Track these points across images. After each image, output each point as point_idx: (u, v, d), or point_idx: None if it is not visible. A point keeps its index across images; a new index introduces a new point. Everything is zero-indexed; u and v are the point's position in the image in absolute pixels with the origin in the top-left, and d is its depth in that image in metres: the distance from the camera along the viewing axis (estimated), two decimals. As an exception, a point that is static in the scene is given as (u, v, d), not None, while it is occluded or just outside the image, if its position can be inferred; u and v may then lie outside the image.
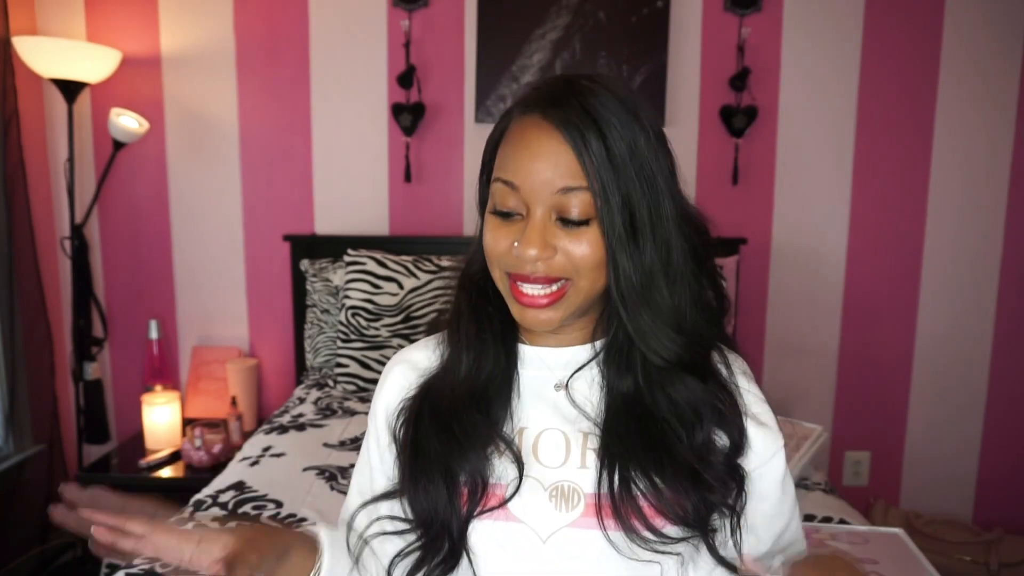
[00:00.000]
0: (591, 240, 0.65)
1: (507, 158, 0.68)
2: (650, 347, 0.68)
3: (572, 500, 0.68)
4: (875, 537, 1.26)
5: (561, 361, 0.75)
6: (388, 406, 0.77)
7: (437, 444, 0.70)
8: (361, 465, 0.81)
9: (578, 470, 0.70)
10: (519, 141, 0.67)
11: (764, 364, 2.43)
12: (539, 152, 0.65)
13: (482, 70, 2.26)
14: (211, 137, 2.34)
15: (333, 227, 2.38)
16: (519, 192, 0.66)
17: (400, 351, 0.83)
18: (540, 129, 0.66)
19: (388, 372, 0.80)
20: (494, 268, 0.71)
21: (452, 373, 0.74)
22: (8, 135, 2.09)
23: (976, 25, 2.27)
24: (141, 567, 1.15)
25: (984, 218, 2.36)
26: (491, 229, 0.69)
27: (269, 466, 1.56)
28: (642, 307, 0.67)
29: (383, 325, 2.04)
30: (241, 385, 2.29)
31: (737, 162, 2.31)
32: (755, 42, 2.28)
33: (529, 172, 0.65)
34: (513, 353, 0.76)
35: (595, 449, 0.70)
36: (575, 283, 0.67)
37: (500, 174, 0.68)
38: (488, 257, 0.71)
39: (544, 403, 0.73)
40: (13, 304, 2.12)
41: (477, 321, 0.75)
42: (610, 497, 0.66)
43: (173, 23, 2.29)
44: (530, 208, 0.66)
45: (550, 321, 0.68)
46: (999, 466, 2.44)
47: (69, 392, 2.37)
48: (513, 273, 0.68)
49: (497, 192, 0.68)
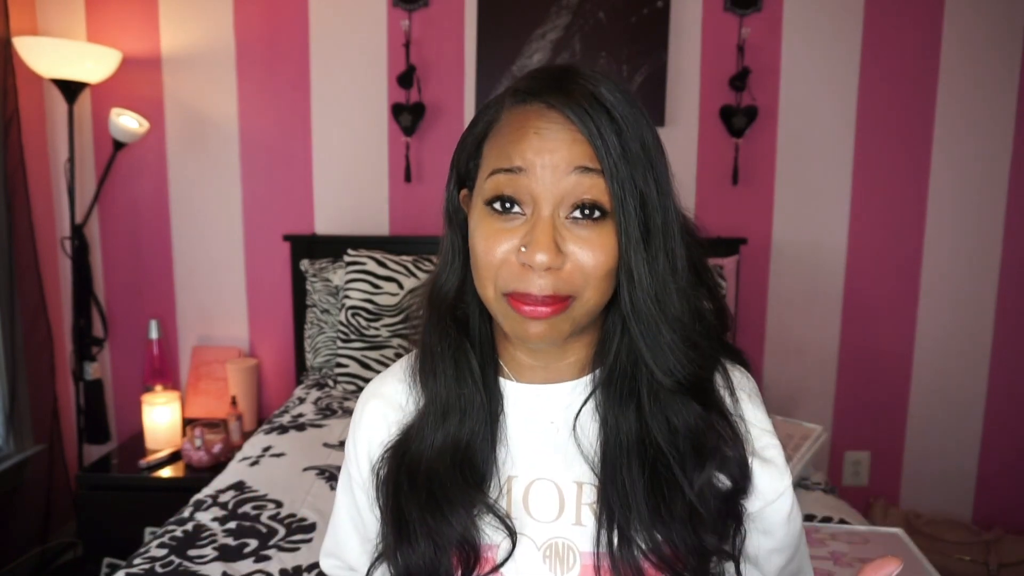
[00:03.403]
0: (604, 244, 0.58)
1: (505, 146, 0.59)
2: (663, 366, 0.61)
3: (568, 561, 0.63)
4: (875, 537, 1.26)
5: (554, 398, 0.67)
6: (370, 449, 0.71)
7: (417, 512, 0.63)
8: (345, 512, 0.76)
9: (572, 527, 0.64)
10: (521, 127, 0.59)
11: (764, 364, 2.43)
12: (548, 135, 0.57)
13: (482, 70, 2.26)
14: (211, 137, 2.34)
15: (333, 227, 2.38)
16: (526, 177, 0.57)
17: (370, 384, 0.75)
18: (544, 117, 0.58)
19: (362, 409, 0.73)
20: (487, 287, 0.60)
21: (429, 426, 0.66)
22: (8, 135, 2.09)
23: (976, 25, 2.27)
24: (141, 567, 1.15)
25: (984, 218, 2.36)
26: (485, 233, 0.59)
27: (269, 466, 1.57)
28: (659, 320, 0.60)
29: (383, 325, 2.04)
30: (241, 385, 2.29)
31: (737, 162, 2.31)
32: (755, 42, 2.28)
33: (538, 152, 0.57)
34: (497, 393, 0.67)
35: (591, 504, 0.64)
36: (580, 296, 0.59)
37: (499, 164, 0.59)
38: (480, 272, 0.60)
39: (534, 448, 0.66)
40: (13, 304, 2.12)
41: (454, 360, 0.66)
42: (609, 557, 0.61)
43: (173, 23, 2.29)
44: (537, 201, 0.57)
45: (553, 332, 0.59)
46: (998, 466, 2.44)
47: (69, 392, 2.37)
48: (514, 293, 0.58)
49: (495, 185, 0.59)
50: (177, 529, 1.28)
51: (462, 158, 0.66)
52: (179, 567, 1.15)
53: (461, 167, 0.67)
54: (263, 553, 1.20)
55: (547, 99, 0.58)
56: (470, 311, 0.68)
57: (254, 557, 1.19)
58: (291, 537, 1.26)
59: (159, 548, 1.21)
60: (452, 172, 0.68)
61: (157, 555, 1.19)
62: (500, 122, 0.62)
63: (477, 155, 0.64)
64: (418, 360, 0.69)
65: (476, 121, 0.65)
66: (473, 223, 0.62)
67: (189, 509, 1.37)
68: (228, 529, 1.28)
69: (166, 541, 1.24)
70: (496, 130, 0.62)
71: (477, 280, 0.62)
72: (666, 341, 0.60)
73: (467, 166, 0.66)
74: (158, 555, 1.19)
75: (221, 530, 1.28)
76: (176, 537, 1.25)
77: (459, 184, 0.68)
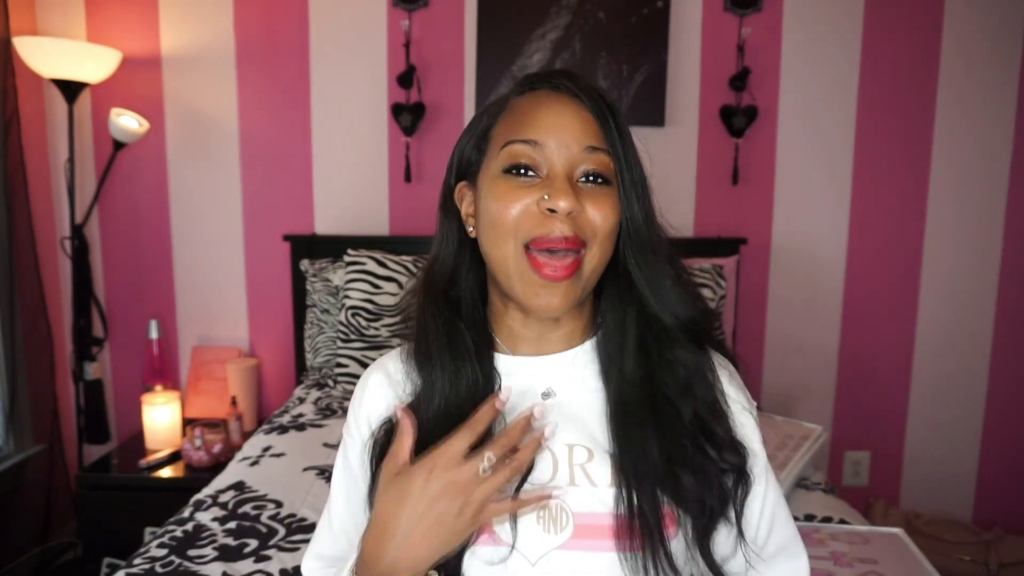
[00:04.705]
0: (611, 204, 0.66)
1: (517, 123, 0.67)
2: (668, 308, 0.69)
3: (560, 521, 0.65)
4: (875, 537, 1.26)
5: (547, 367, 0.72)
6: (370, 416, 0.75)
7: None
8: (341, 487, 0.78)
9: (566, 487, 0.67)
10: (532, 106, 0.67)
11: (764, 364, 2.43)
12: (562, 111, 0.66)
13: (482, 70, 2.26)
14: (211, 137, 2.34)
15: (333, 227, 2.38)
16: (542, 149, 0.65)
17: (375, 362, 0.79)
18: (554, 97, 0.67)
19: (366, 380, 0.77)
20: (506, 242, 0.66)
21: (425, 401, 0.70)
22: (8, 135, 2.09)
23: (976, 25, 2.27)
24: (141, 567, 1.15)
25: (984, 218, 2.36)
26: (501, 192, 0.66)
27: (269, 466, 1.57)
28: (658, 268, 0.68)
29: (383, 325, 2.04)
30: (241, 385, 2.29)
31: (737, 162, 2.31)
32: (755, 42, 2.28)
33: (553, 127, 0.65)
34: (492, 369, 0.72)
35: (582, 465, 0.67)
36: (588, 252, 0.66)
37: (513, 135, 0.66)
38: (498, 230, 0.66)
39: (549, 414, 0.70)
40: (13, 304, 2.12)
41: (449, 339, 0.70)
42: (629, 519, 0.64)
43: (173, 23, 2.29)
44: (552, 166, 0.65)
45: (564, 301, 0.66)
46: (999, 466, 2.44)
47: (69, 392, 2.37)
48: (536, 239, 0.64)
49: (510, 154, 0.66)
50: (177, 529, 1.28)
51: (466, 147, 0.72)
52: (179, 567, 1.15)
53: (463, 157, 0.72)
54: (263, 553, 1.20)
55: (555, 83, 0.67)
56: (462, 293, 0.73)
57: (254, 557, 1.19)
58: (291, 537, 1.26)
59: (159, 548, 1.21)
60: (453, 161, 0.73)
61: (157, 555, 1.19)
62: (508, 110, 0.69)
63: (483, 143, 0.70)
64: (414, 342, 0.73)
65: (480, 116, 0.71)
66: (486, 190, 0.68)
67: (189, 509, 1.37)
68: (228, 529, 1.28)
69: (166, 541, 1.24)
70: (504, 117, 0.69)
71: (493, 241, 0.67)
72: (667, 285, 0.69)
73: (469, 156, 0.72)
74: (158, 555, 1.19)
75: (221, 530, 1.28)
76: (176, 537, 1.25)
77: (458, 175, 0.73)
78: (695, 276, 2.04)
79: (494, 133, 0.69)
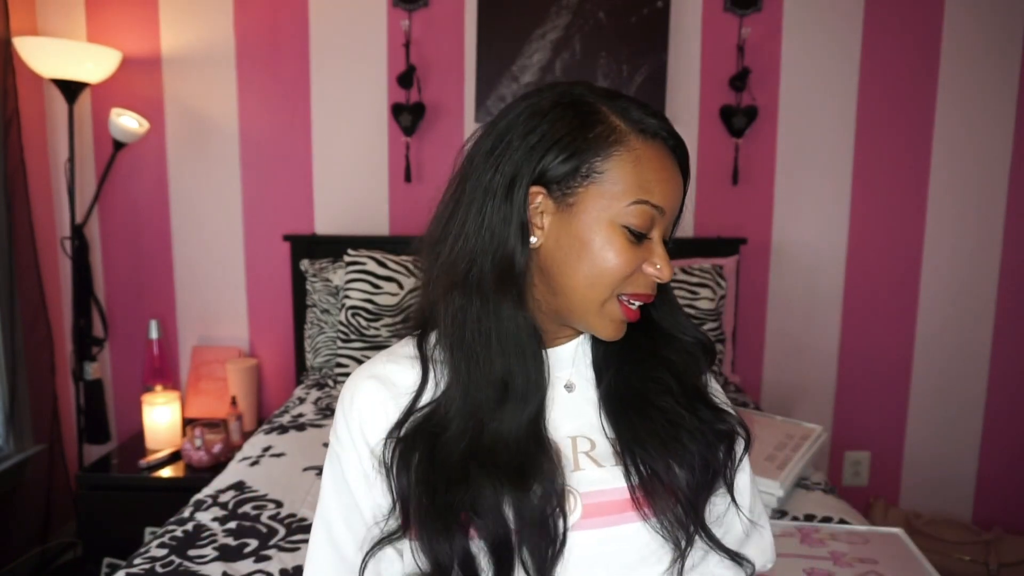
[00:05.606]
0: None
1: (651, 181, 0.67)
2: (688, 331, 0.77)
3: (569, 504, 0.68)
4: (875, 537, 1.26)
5: (565, 357, 0.76)
6: (363, 426, 0.71)
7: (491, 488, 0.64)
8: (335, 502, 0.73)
9: (571, 473, 0.69)
10: (660, 168, 0.68)
11: (764, 364, 2.43)
12: (675, 178, 0.70)
13: (482, 70, 2.26)
14: (211, 137, 2.34)
15: (333, 227, 2.38)
16: (662, 218, 0.69)
17: (360, 368, 0.75)
18: (672, 163, 0.70)
19: (355, 388, 0.72)
20: (606, 289, 0.68)
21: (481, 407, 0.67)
22: (8, 135, 2.09)
23: (976, 25, 2.27)
24: (141, 567, 1.15)
25: (984, 218, 2.36)
26: (622, 250, 0.67)
27: (269, 466, 1.57)
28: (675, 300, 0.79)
29: (383, 325, 2.04)
30: (241, 385, 2.29)
31: (737, 162, 2.31)
32: (755, 42, 2.28)
33: (671, 197, 0.69)
34: (545, 362, 0.71)
35: (587, 452, 0.71)
36: None
37: (649, 197, 0.67)
38: (604, 279, 0.67)
39: (555, 407, 0.73)
40: (13, 304, 2.12)
41: (515, 336, 0.68)
42: (636, 489, 0.69)
43: (173, 23, 2.29)
44: (658, 232, 0.70)
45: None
46: (998, 466, 2.44)
47: (69, 392, 2.37)
48: (634, 294, 0.69)
49: (640, 214, 0.67)
50: (177, 529, 1.28)
51: (547, 152, 0.66)
52: (179, 567, 1.15)
53: (543, 162, 0.67)
54: (263, 553, 1.20)
55: (668, 142, 0.70)
56: (525, 288, 0.69)
57: (254, 557, 1.19)
58: (291, 537, 1.26)
59: (159, 548, 1.21)
60: (532, 161, 0.67)
61: (157, 555, 1.19)
62: (628, 149, 0.67)
63: (583, 165, 0.66)
64: (447, 339, 0.70)
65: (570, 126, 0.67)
66: (594, 230, 0.67)
67: (189, 509, 1.37)
68: (228, 529, 1.28)
69: (166, 541, 1.24)
70: (624, 158, 0.67)
71: (590, 282, 0.68)
72: (681, 312, 0.78)
73: (554, 168, 0.67)
74: (158, 555, 1.19)
75: (221, 530, 1.28)
76: (176, 537, 1.25)
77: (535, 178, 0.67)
78: (695, 276, 2.07)
79: (607, 168, 0.66)
